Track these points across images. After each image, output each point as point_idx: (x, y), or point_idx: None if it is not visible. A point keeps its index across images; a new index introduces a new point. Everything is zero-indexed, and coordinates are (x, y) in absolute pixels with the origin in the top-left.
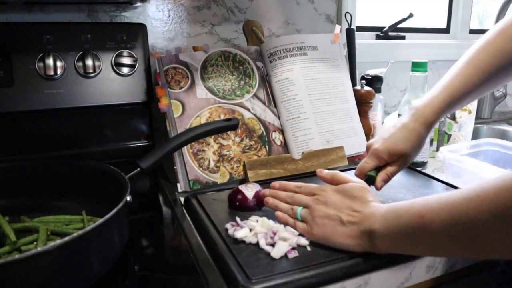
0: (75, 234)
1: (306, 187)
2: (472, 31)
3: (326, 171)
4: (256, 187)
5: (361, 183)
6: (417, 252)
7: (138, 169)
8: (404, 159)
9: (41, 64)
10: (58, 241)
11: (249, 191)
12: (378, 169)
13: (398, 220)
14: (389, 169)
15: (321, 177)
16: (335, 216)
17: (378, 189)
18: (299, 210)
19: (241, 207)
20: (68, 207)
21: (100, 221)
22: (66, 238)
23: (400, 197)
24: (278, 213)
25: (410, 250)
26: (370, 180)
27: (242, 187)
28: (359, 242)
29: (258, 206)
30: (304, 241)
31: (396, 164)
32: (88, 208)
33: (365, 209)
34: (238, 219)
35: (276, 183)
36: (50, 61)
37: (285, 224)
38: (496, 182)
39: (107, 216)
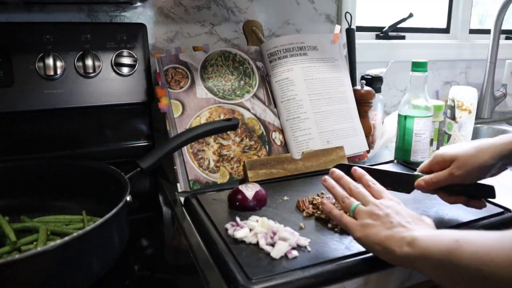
0: (75, 234)
1: (377, 188)
2: (472, 31)
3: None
4: (256, 187)
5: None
6: (441, 279)
7: (138, 169)
8: (457, 164)
9: (41, 64)
10: (58, 241)
11: (249, 191)
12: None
13: (438, 236)
14: (436, 173)
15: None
16: (390, 219)
17: (415, 186)
18: (356, 204)
19: (241, 207)
20: (68, 207)
21: (100, 221)
22: (66, 238)
23: (400, 197)
24: (323, 200)
25: (437, 274)
26: (410, 178)
27: (242, 187)
28: (399, 246)
29: (258, 206)
30: (304, 241)
31: (447, 170)
32: (88, 208)
33: (418, 226)
34: (238, 219)
35: (358, 169)
36: (50, 61)
37: (328, 213)
38: None
39: (107, 216)
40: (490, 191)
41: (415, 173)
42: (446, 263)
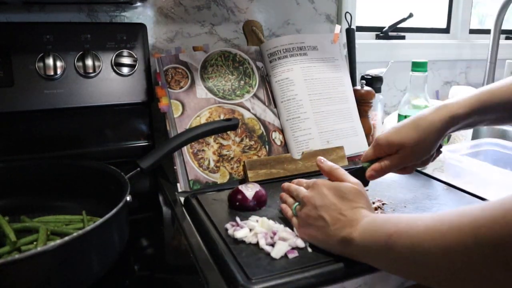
0: (75, 234)
1: (307, 182)
2: (472, 31)
3: (328, 162)
4: (256, 187)
5: (358, 185)
6: (385, 269)
7: (138, 169)
8: (404, 153)
9: (41, 64)
10: (58, 241)
11: (249, 191)
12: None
13: (373, 233)
14: (385, 160)
15: (320, 167)
16: (320, 216)
17: (367, 178)
18: (295, 205)
19: (241, 207)
20: (68, 207)
21: (100, 221)
22: (66, 238)
23: (400, 197)
24: (282, 205)
25: (380, 266)
26: (363, 171)
27: (242, 187)
28: (338, 246)
29: (258, 206)
30: (303, 242)
31: (396, 157)
32: (88, 208)
33: (352, 214)
34: (238, 219)
35: (294, 180)
36: (50, 61)
37: (285, 214)
38: (457, 218)
39: (107, 216)
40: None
41: (362, 164)
42: (384, 255)
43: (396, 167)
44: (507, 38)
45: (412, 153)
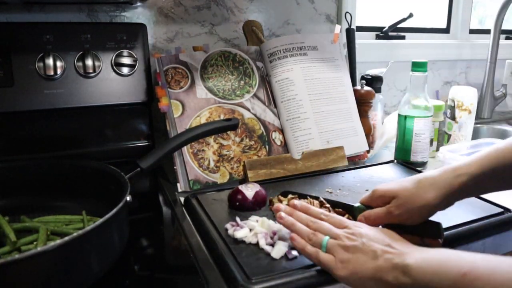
0: (75, 234)
1: (334, 218)
2: (472, 31)
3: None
4: (256, 187)
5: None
6: None
7: (138, 169)
8: (397, 202)
9: (41, 64)
10: (58, 241)
11: (249, 191)
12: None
13: (437, 268)
14: (375, 211)
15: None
16: (370, 248)
17: (358, 221)
18: (326, 239)
19: (241, 207)
20: (68, 207)
21: (100, 221)
22: (66, 238)
23: None
24: (294, 235)
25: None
26: (353, 210)
27: (242, 187)
28: (390, 276)
29: (258, 206)
30: None
31: (386, 208)
32: (88, 208)
33: (404, 247)
34: (238, 219)
35: (297, 203)
36: (50, 61)
37: (301, 251)
38: None
39: (107, 216)
40: (436, 230)
41: (357, 204)
42: None
43: (384, 220)
44: (507, 38)
45: (403, 206)
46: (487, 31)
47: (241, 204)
